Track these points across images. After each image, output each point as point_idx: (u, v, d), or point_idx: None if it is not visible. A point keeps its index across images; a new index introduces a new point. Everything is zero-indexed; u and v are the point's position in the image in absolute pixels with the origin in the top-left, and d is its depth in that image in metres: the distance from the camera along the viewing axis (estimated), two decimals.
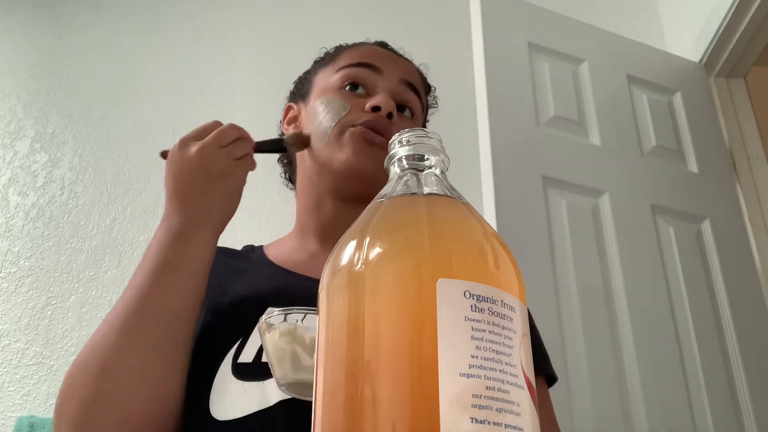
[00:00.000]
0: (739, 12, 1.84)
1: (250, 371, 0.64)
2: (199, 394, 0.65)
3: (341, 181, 0.78)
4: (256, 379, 0.63)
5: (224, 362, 0.66)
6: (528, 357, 0.34)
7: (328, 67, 0.86)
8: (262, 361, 0.64)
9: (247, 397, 0.62)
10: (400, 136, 0.42)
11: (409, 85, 0.84)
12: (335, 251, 0.37)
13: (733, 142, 1.94)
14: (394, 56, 0.88)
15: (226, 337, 0.68)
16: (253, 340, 0.66)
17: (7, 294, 1.74)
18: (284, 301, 0.69)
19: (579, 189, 1.60)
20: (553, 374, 0.77)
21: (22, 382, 1.61)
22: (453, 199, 0.39)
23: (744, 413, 1.48)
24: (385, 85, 0.81)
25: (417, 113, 0.85)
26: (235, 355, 0.66)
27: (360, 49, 0.87)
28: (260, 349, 0.65)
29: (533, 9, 1.81)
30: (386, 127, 0.77)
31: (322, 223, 0.81)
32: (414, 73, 0.88)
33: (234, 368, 0.65)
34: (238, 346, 0.66)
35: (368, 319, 0.33)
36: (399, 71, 0.84)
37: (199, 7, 2.23)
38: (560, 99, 1.71)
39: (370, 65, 0.82)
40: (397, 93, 0.82)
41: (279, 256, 0.81)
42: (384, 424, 0.30)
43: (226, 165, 0.67)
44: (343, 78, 0.82)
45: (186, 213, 0.66)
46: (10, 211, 1.88)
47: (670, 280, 1.58)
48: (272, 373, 0.53)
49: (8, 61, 2.13)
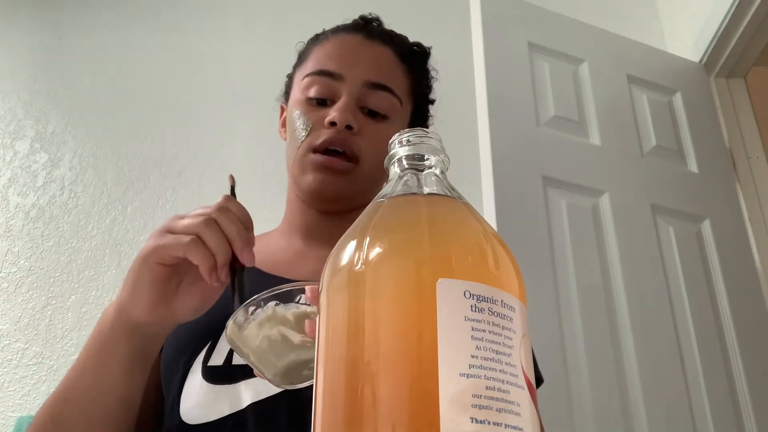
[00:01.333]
0: (739, 12, 1.84)
1: (221, 374, 0.64)
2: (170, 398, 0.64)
3: (310, 200, 0.79)
4: (226, 382, 0.63)
5: (194, 366, 0.65)
6: (528, 357, 0.34)
7: (300, 68, 0.84)
8: (233, 364, 0.64)
9: (218, 400, 0.62)
10: (400, 137, 0.42)
11: (375, 86, 0.78)
12: (335, 251, 0.37)
13: (733, 142, 1.94)
14: (358, 53, 0.81)
15: (195, 340, 0.67)
16: (223, 343, 0.66)
17: (7, 294, 1.74)
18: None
19: (579, 189, 1.61)
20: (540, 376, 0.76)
21: (22, 382, 1.61)
22: (453, 199, 0.39)
23: (744, 413, 1.48)
24: (347, 90, 0.77)
25: (391, 111, 0.79)
26: (204, 359, 0.65)
27: (325, 46, 0.83)
28: (230, 351, 0.65)
29: (533, 9, 1.81)
30: (347, 142, 0.74)
31: (307, 225, 0.81)
32: (383, 65, 0.81)
33: (204, 372, 0.64)
34: (208, 349, 0.66)
35: (368, 319, 0.33)
36: (362, 71, 0.78)
37: (199, 7, 2.23)
38: (560, 99, 1.71)
39: (329, 73, 0.78)
40: (360, 97, 0.77)
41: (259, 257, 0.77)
42: (384, 424, 0.30)
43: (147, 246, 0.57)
44: (305, 90, 0.79)
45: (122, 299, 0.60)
46: (10, 211, 1.88)
47: (670, 280, 1.59)
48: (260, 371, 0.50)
49: (8, 61, 2.13)
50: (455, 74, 1.79)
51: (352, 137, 0.75)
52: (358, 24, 0.85)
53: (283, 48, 2.22)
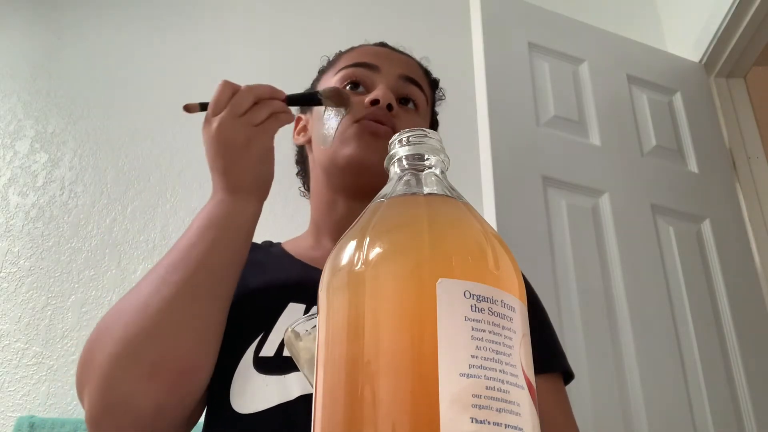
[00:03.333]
0: (739, 12, 1.84)
1: (272, 365, 0.64)
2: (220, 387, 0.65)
3: (348, 176, 0.79)
4: (277, 372, 0.64)
5: (245, 356, 0.66)
6: (528, 357, 0.34)
7: (328, 72, 0.88)
8: (284, 355, 0.65)
9: (268, 390, 0.62)
10: (400, 136, 0.42)
11: (408, 79, 0.85)
12: (335, 251, 0.37)
13: (733, 142, 1.94)
14: (391, 53, 0.89)
15: (247, 330, 0.68)
16: (275, 334, 0.67)
17: (7, 294, 1.74)
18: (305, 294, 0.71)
19: (579, 189, 1.60)
20: (571, 371, 0.76)
21: (22, 382, 1.61)
22: (453, 199, 0.39)
23: (744, 413, 1.48)
24: (383, 81, 0.82)
25: (421, 106, 0.85)
26: (256, 349, 0.66)
27: (358, 50, 0.89)
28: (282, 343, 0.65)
29: (533, 9, 1.81)
30: (388, 118, 0.78)
31: (335, 222, 0.82)
32: (413, 67, 0.89)
33: (255, 362, 0.65)
34: (260, 340, 0.67)
35: (368, 319, 0.33)
36: (397, 67, 0.85)
37: (199, 6, 2.23)
38: (560, 99, 1.71)
39: (367, 64, 0.84)
40: (396, 88, 0.83)
41: (297, 252, 0.83)
42: (384, 424, 0.30)
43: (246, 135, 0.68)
44: (342, 78, 0.83)
45: (222, 184, 0.69)
46: (10, 211, 1.88)
47: (670, 280, 1.58)
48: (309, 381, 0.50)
49: (8, 61, 2.13)
50: (455, 74, 1.79)
51: (393, 117, 0.79)
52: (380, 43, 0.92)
53: (283, 48, 2.23)
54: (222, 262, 0.65)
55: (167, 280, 0.62)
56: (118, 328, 0.60)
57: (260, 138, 0.69)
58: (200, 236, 0.65)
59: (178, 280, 0.62)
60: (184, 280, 0.62)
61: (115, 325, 0.60)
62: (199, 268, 0.63)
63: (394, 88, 0.83)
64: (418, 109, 0.85)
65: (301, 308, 0.70)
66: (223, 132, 0.67)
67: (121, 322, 0.60)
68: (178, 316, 0.60)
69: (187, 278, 0.62)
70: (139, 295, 0.62)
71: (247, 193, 0.69)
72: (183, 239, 0.66)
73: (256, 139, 0.68)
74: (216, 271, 0.64)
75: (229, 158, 0.68)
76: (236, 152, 0.68)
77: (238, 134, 0.67)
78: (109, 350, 0.59)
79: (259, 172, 0.70)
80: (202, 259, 0.63)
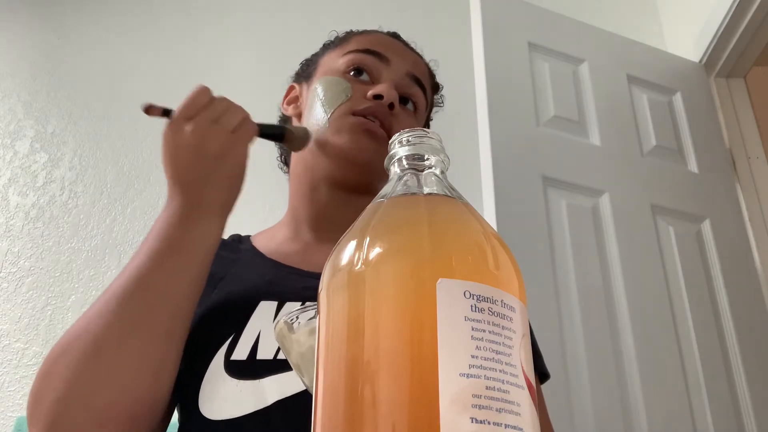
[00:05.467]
0: (739, 12, 1.84)
1: (245, 369, 0.61)
2: (188, 392, 0.62)
3: (335, 167, 0.75)
4: (250, 377, 0.61)
5: (215, 359, 0.63)
6: (528, 357, 0.35)
7: (335, 50, 0.84)
8: (258, 359, 0.62)
9: (242, 396, 0.60)
10: (400, 136, 0.42)
11: (415, 80, 0.82)
12: (335, 251, 0.37)
13: (733, 142, 1.94)
14: (404, 48, 0.85)
15: (217, 332, 0.65)
16: (246, 337, 0.64)
17: (7, 294, 1.74)
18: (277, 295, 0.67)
19: (579, 189, 1.60)
20: (546, 371, 0.76)
21: (22, 382, 1.61)
22: (453, 199, 0.39)
23: (744, 413, 1.48)
24: (390, 75, 0.79)
25: (420, 108, 0.83)
26: (227, 352, 0.63)
27: (370, 36, 0.85)
28: (255, 345, 0.63)
29: (533, 9, 1.81)
30: (386, 117, 0.75)
31: (315, 211, 0.78)
32: (422, 68, 0.86)
33: (227, 366, 0.62)
34: (230, 343, 0.63)
35: (368, 319, 0.33)
36: (406, 64, 0.82)
37: (199, 8, 2.23)
38: (560, 99, 1.71)
39: (377, 53, 0.80)
40: (401, 85, 0.80)
41: (269, 248, 0.78)
42: (384, 424, 0.30)
43: (223, 143, 0.63)
44: (348, 62, 0.80)
45: (188, 198, 0.62)
46: (10, 211, 1.88)
47: (670, 280, 1.58)
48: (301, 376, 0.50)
49: (8, 61, 2.13)
50: (455, 74, 1.79)
51: (392, 116, 0.76)
52: (394, 34, 0.89)
53: (282, 48, 2.23)
54: (181, 293, 0.59)
55: (119, 314, 0.57)
56: (66, 368, 0.55)
57: (236, 149, 0.64)
58: (158, 263, 0.59)
59: (132, 317, 0.57)
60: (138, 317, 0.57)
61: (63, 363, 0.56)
62: (156, 303, 0.58)
63: (400, 85, 0.79)
64: (417, 111, 0.82)
65: (272, 306, 0.66)
66: (198, 138, 0.62)
67: (70, 360, 0.56)
68: (130, 359, 0.56)
69: (142, 315, 0.57)
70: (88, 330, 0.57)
71: (214, 212, 0.63)
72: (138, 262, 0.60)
73: (233, 151, 0.64)
74: (174, 306, 0.59)
75: (201, 169, 0.62)
76: (210, 163, 0.62)
77: (213, 142, 0.62)
78: (57, 394, 0.54)
79: (229, 189, 0.64)
80: (159, 292, 0.58)
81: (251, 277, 0.72)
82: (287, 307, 0.65)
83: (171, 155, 0.63)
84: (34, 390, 0.57)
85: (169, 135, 0.64)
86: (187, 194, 0.63)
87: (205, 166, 0.62)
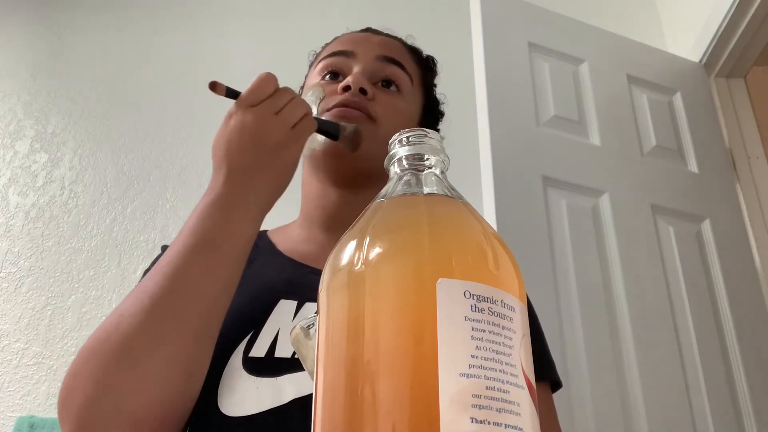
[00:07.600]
0: (739, 12, 1.84)
1: (263, 366, 0.61)
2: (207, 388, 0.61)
3: (326, 163, 0.76)
4: (269, 374, 0.61)
5: (234, 356, 0.63)
6: (528, 357, 0.34)
7: (313, 66, 0.87)
8: (276, 357, 0.62)
9: (259, 393, 0.60)
10: (400, 136, 0.42)
11: (387, 59, 0.81)
12: (335, 251, 0.37)
13: (733, 142, 1.94)
14: (368, 36, 0.85)
15: (236, 329, 0.64)
16: (265, 333, 0.64)
17: (7, 294, 1.74)
18: (297, 295, 0.67)
19: (579, 189, 1.61)
20: (558, 380, 0.75)
21: (22, 382, 1.61)
22: (453, 199, 0.39)
23: (744, 413, 1.48)
24: (360, 65, 0.79)
25: (404, 86, 0.81)
26: (245, 349, 0.63)
27: (338, 39, 0.87)
28: (273, 343, 0.63)
29: (533, 9, 1.81)
30: (361, 103, 0.75)
31: (327, 212, 0.79)
32: (393, 46, 0.85)
33: (245, 363, 0.62)
34: (249, 340, 0.64)
35: (368, 319, 0.33)
36: (374, 48, 0.82)
37: (199, 7, 2.23)
38: (560, 99, 1.71)
39: (343, 52, 0.81)
40: (373, 70, 0.79)
41: (286, 246, 0.78)
42: (384, 424, 0.30)
43: (282, 137, 0.62)
44: (321, 70, 0.82)
45: (234, 183, 0.61)
46: (10, 211, 1.88)
47: (670, 280, 1.59)
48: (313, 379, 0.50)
49: (8, 61, 2.13)
50: (455, 74, 1.79)
51: (368, 102, 0.76)
52: (366, 28, 0.89)
53: (283, 48, 2.23)
54: (214, 292, 0.58)
55: (151, 313, 0.55)
56: (98, 369, 0.54)
57: (293, 145, 0.63)
58: (190, 260, 0.58)
59: (164, 317, 0.56)
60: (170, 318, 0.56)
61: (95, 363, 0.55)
62: (190, 302, 0.57)
63: (371, 71, 0.79)
64: (401, 90, 0.81)
65: (292, 305, 0.66)
66: (257, 127, 0.62)
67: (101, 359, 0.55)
68: (161, 362, 0.55)
69: (175, 315, 0.56)
70: (119, 328, 0.55)
71: (255, 204, 0.62)
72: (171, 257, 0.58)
73: (289, 146, 0.63)
74: (206, 306, 0.58)
75: (254, 157, 0.61)
76: (265, 154, 0.62)
77: (272, 134, 0.62)
78: (86, 395, 0.54)
79: (276, 187, 0.63)
80: (191, 291, 0.57)
81: (270, 274, 0.73)
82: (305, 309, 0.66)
83: (227, 138, 0.63)
84: (64, 389, 0.56)
85: (231, 121, 0.63)
86: (234, 179, 0.61)
87: (258, 156, 0.62)
